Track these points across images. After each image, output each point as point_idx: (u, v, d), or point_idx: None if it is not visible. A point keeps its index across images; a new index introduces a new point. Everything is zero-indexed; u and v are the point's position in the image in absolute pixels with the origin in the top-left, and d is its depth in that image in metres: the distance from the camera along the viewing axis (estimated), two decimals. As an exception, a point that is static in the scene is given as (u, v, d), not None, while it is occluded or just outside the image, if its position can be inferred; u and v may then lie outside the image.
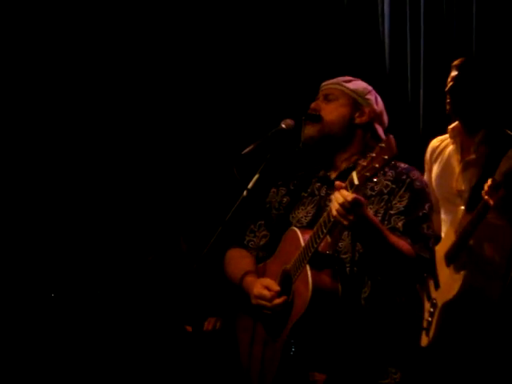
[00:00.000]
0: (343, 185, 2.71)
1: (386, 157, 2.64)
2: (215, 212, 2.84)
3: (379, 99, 3.11)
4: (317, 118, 3.01)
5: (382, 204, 2.94)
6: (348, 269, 2.92)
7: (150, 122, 5.51)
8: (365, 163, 2.65)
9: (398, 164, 3.01)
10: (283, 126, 3.02)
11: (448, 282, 3.81)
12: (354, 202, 2.67)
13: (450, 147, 4.04)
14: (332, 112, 3.02)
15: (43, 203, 5.34)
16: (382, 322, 2.93)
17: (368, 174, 2.64)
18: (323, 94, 3.07)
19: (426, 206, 2.94)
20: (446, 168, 4.00)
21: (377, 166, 2.64)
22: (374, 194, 2.96)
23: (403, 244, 2.85)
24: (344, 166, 3.03)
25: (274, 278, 3.00)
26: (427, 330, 3.80)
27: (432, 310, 3.82)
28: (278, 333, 2.94)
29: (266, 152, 3.00)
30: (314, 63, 5.23)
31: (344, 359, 2.90)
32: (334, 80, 3.11)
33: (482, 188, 3.67)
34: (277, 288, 2.94)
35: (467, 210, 3.87)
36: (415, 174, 3.00)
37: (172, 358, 4.67)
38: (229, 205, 2.95)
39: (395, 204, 2.93)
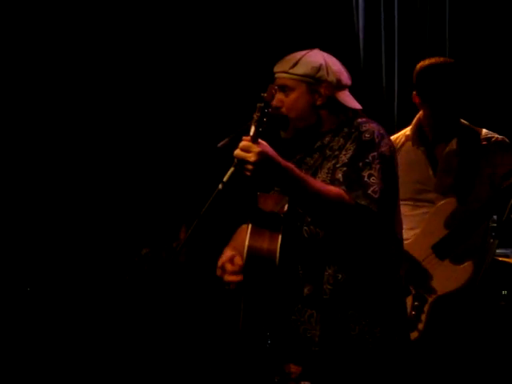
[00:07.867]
0: (247, 138, 2.73)
1: (262, 104, 2.76)
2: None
3: (330, 65, 3.05)
4: (285, 124, 3.02)
5: (334, 161, 2.94)
6: (305, 229, 2.92)
7: (143, 116, 5.52)
8: (256, 115, 2.77)
9: (356, 120, 2.99)
10: (258, 118, 3.02)
11: (447, 275, 3.82)
12: (245, 147, 2.67)
13: (406, 146, 4.08)
14: (293, 106, 3.02)
15: (27, 193, 5.32)
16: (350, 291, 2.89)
17: (256, 123, 2.73)
18: (279, 85, 3.02)
19: (370, 156, 2.87)
20: (409, 165, 3.99)
21: (258, 114, 2.74)
22: (331, 153, 2.98)
23: (332, 190, 2.79)
24: (318, 145, 3.05)
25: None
26: (414, 324, 3.81)
27: (418, 303, 3.82)
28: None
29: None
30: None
31: (315, 345, 2.89)
32: (282, 66, 3.06)
33: (467, 180, 3.70)
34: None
35: (460, 203, 3.90)
36: (367, 126, 2.94)
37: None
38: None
39: (341, 157, 2.92)
